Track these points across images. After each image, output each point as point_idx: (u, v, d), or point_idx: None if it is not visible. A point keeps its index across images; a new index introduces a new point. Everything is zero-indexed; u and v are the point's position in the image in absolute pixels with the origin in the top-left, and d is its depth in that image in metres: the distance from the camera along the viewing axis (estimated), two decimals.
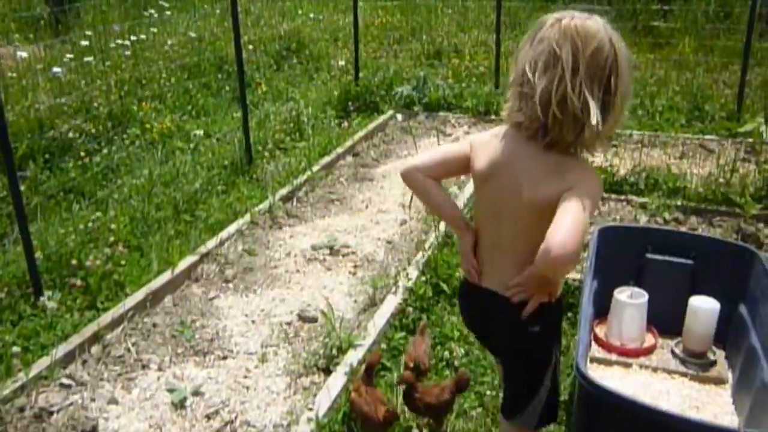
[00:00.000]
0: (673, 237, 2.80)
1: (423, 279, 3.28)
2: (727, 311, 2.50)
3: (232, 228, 3.95)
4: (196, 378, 2.77)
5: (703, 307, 2.49)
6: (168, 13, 7.92)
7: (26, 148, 4.44)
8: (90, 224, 3.67)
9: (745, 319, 2.49)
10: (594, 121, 1.45)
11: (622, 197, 4.20)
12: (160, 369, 2.83)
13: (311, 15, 9.20)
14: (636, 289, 2.59)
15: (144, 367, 2.83)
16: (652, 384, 2.44)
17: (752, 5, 5.50)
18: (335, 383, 2.62)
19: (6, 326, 2.97)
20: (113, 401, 2.62)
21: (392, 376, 2.67)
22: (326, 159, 5.02)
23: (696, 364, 2.50)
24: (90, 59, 5.70)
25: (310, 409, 2.50)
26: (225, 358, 2.91)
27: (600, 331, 2.65)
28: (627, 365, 2.52)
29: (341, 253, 3.78)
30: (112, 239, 3.61)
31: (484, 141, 1.68)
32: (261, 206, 4.23)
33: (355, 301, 3.33)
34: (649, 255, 2.68)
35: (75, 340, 2.87)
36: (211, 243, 3.75)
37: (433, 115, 6.14)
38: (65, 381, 2.69)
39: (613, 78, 1.47)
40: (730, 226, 3.84)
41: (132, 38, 6.44)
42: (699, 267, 2.61)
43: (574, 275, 3.00)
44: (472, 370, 2.71)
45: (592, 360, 2.55)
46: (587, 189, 1.49)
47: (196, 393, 2.67)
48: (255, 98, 6.29)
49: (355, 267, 3.65)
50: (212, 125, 5.70)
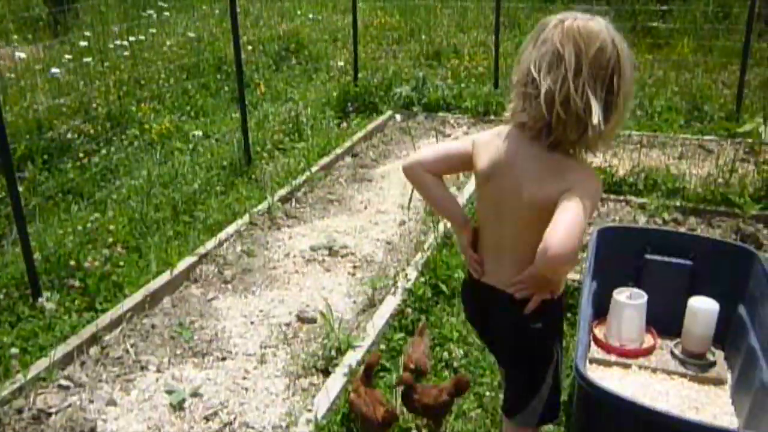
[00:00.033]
0: (672, 237, 2.81)
1: (422, 280, 3.28)
2: (726, 312, 2.51)
3: (231, 229, 3.95)
4: (195, 379, 2.77)
5: (703, 308, 2.49)
6: (167, 14, 7.92)
7: (25, 149, 4.43)
8: (88, 225, 3.66)
9: (744, 320, 2.49)
10: (595, 121, 1.46)
11: (621, 198, 4.20)
12: (159, 370, 2.83)
13: (310, 15, 9.20)
14: (635, 290, 2.59)
15: (143, 369, 2.83)
16: (652, 385, 2.44)
17: (751, 5, 5.50)
18: (334, 384, 2.62)
19: (4, 327, 2.97)
20: (112, 403, 2.62)
21: (391, 377, 2.67)
22: (325, 159, 5.01)
23: (695, 365, 2.51)
24: (89, 60, 5.69)
25: (309, 411, 2.50)
26: (224, 360, 2.91)
27: (599, 332, 2.65)
28: (626, 366, 2.52)
29: (340, 254, 3.77)
30: (111, 240, 3.61)
31: (487, 140, 1.69)
32: (260, 207, 4.22)
33: (354, 302, 3.32)
34: (648, 256, 2.68)
35: (73, 342, 2.87)
36: (210, 244, 3.74)
37: (432, 116, 6.13)
38: (64, 382, 2.69)
39: (616, 78, 1.48)
40: (729, 227, 3.84)
41: (131, 39, 6.44)
42: (698, 268, 2.62)
43: (573, 276, 2.99)
44: (471, 371, 2.71)
45: (592, 361, 2.55)
46: (587, 190, 1.50)
47: (195, 394, 2.67)
48: (254, 99, 6.28)
49: (354, 268, 3.65)
50: (211, 126, 5.69)
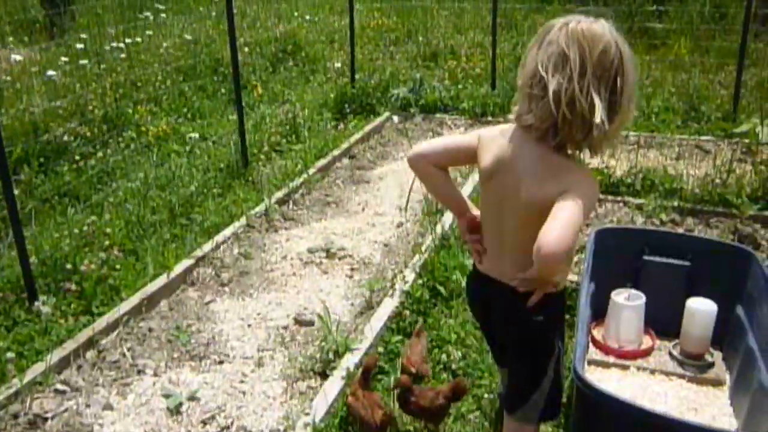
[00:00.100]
0: (670, 238, 2.80)
1: (420, 282, 3.27)
2: (725, 313, 2.50)
3: (228, 231, 3.94)
4: (192, 383, 2.75)
5: (701, 309, 2.48)
6: (163, 16, 7.91)
7: (21, 152, 4.42)
8: (85, 228, 3.65)
9: (743, 321, 2.48)
10: (598, 120, 1.48)
11: (619, 199, 4.19)
12: (156, 374, 2.81)
13: (307, 17, 9.20)
14: (633, 291, 2.58)
15: (139, 373, 2.81)
16: (650, 386, 2.43)
17: (747, 6, 5.51)
18: (332, 387, 2.61)
19: (0, 332, 2.95)
20: (108, 407, 2.61)
21: (389, 380, 2.66)
22: (322, 161, 5.01)
23: (694, 366, 2.50)
24: (85, 62, 5.68)
25: (307, 414, 2.49)
26: (221, 363, 2.89)
27: (597, 334, 2.64)
28: (624, 367, 2.51)
29: (338, 256, 3.76)
30: (107, 243, 3.59)
31: (492, 137, 1.71)
32: (257, 209, 4.21)
33: (352, 305, 3.31)
34: (646, 257, 2.68)
35: (70, 346, 2.85)
36: (207, 246, 3.73)
37: (430, 117, 6.14)
38: (60, 387, 2.67)
39: (619, 79, 1.51)
40: (727, 227, 3.84)
41: (127, 41, 6.43)
42: (696, 268, 2.61)
43: (572, 277, 2.99)
44: (470, 374, 2.70)
45: (590, 362, 2.55)
46: (583, 191, 1.52)
47: (192, 398, 2.66)
48: (251, 100, 6.27)
49: (352, 270, 3.64)
50: (208, 128, 5.68)
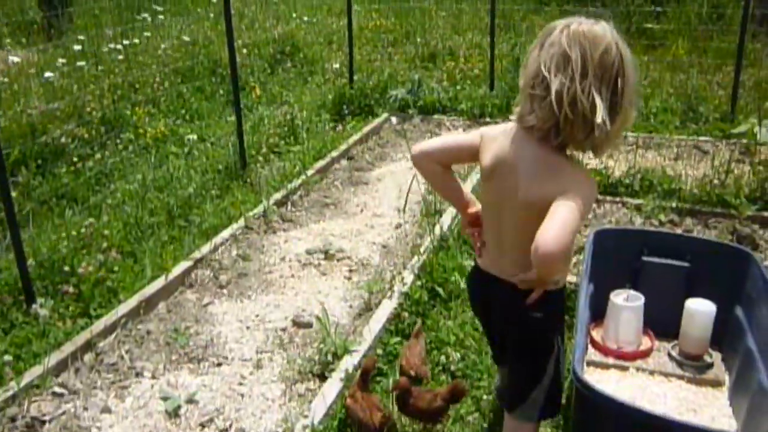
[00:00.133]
0: (669, 239, 2.80)
1: (418, 283, 3.27)
2: (724, 313, 2.50)
3: (226, 233, 3.93)
4: (191, 385, 2.75)
5: (700, 310, 2.48)
6: (161, 17, 7.90)
7: (18, 154, 4.41)
8: (83, 230, 3.64)
9: (742, 321, 2.48)
10: (600, 120, 1.49)
11: (617, 199, 4.19)
12: (154, 377, 2.80)
13: (305, 18, 9.19)
14: (632, 292, 2.58)
15: (137, 375, 2.81)
16: (649, 387, 2.43)
17: (745, 6, 5.51)
18: (330, 390, 2.60)
19: None
20: (106, 410, 2.60)
21: (388, 382, 2.65)
22: (321, 163, 5.00)
23: (693, 367, 2.49)
24: (83, 64, 5.68)
25: (306, 416, 2.47)
26: (219, 365, 2.89)
27: (596, 335, 2.64)
28: (624, 368, 2.51)
29: (336, 258, 3.76)
30: (105, 245, 3.58)
31: (493, 136, 1.73)
32: (255, 211, 4.20)
33: (351, 306, 3.31)
34: (645, 257, 2.67)
35: (67, 348, 2.84)
36: (205, 248, 3.72)
37: (428, 118, 6.13)
38: (58, 390, 2.66)
39: (620, 80, 1.53)
40: (726, 228, 3.84)
41: (125, 42, 6.42)
42: (695, 269, 2.61)
43: (571, 278, 2.99)
44: (469, 375, 2.69)
45: (589, 363, 2.54)
46: (581, 191, 1.53)
47: (191, 401, 2.65)
48: (249, 102, 6.27)
49: (350, 271, 3.63)
50: (206, 129, 5.68)
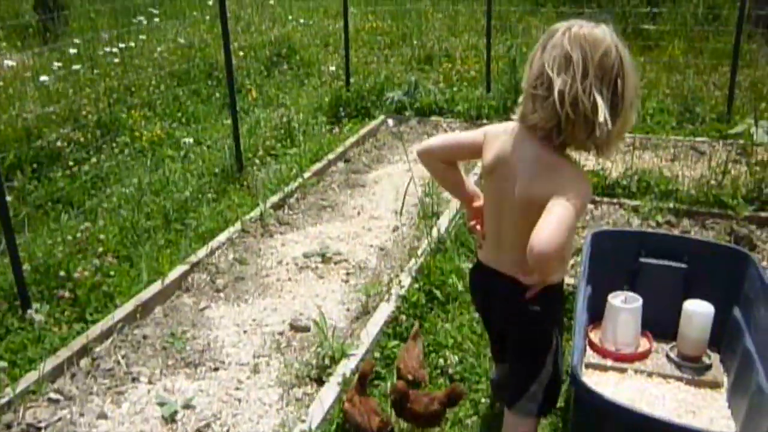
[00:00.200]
0: (667, 240, 2.79)
1: (416, 286, 3.26)
2: (722, 314, 2.49)
3: (223, 236, 3.91)
4: (187, 390, 2.73)
5: (698, 311, 2.48)
6: (157, 20, 7.88)
7: (14, 158, 4.39)
8: (78, 234, 3.62)
9: (740, 322, 2.47)
10: (601, 119, 1.52)
11: (614, 201, 4.19)
12: (151, 382, 2.79)
13: (301, 20, 9.18)
14: (630, 294, 2.57)
15: (134, 380, 2.79)
16: (648, 389, 2.42)
17: (741, 7, 5.52)
18: (328, 394, 2.59)
19: None
20: (102, 416, 2.58)
21: (386, 385, 2.64)
22: (317, 165, 4.99)
23: (691, 368, 2.49)
24: (78, 67, 5.65)
25: (303, 421, 2.46)
26: (216, 370, 2.87)
27: (594, 337, 2.63)
28: (622, 370, 2.50)
29: (333, 261, 3.74)
30: (101, 249, 3.56)
31: (496, 134, 1.77)
32: (252, 214, 4.19)
33: (348, 310, 3.30)
34: (643, 259, 2.67)
35: (63, 354, 2.82)
36: (202, 252, 3.71)
37: (425, 120, 6.13)
38: (53, 396, 2.65)
39: (620, 81, 1.57)
40: (723, 228, 3.83)
41: (121, 45, 6.40)
42: (693, 270, 2.60)
43: (568, 280, 2.98)
44: (467, 378, 2.68)
45: (587, 366, 2.53)
46: (576, 191, 1.56)
47: (187, 406, 2.63)
48: (245, 105, 6.26)
49: (348, 275, 3.62)
50: (202, 132, 5.66)
